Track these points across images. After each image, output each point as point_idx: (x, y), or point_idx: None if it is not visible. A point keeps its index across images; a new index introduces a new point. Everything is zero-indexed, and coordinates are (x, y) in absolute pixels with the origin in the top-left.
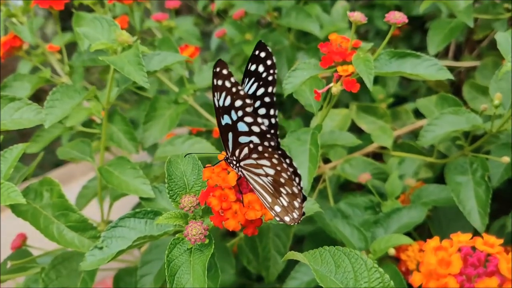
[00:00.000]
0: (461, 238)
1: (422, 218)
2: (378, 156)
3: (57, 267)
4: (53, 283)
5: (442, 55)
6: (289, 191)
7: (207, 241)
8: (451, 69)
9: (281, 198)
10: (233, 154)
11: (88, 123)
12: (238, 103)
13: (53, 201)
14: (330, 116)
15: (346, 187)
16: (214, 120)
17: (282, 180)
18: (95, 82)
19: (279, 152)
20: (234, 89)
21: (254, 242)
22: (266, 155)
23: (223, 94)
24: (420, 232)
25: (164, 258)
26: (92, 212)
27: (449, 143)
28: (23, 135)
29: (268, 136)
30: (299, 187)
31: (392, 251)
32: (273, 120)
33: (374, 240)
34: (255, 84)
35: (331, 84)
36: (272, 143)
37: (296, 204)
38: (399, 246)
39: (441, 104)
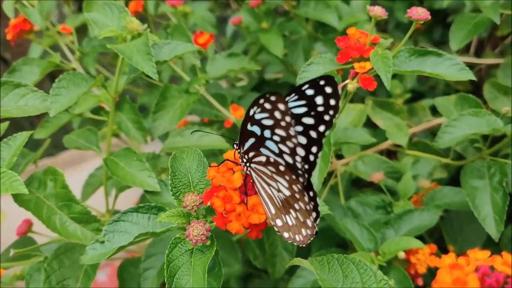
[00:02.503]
0: (479, 256)
1: (435, 222)
2: (392, 153)
3: (60, 257)
4: (56, 273)
5: (463, 50)
6: (298, 217)
7: (209, 242)
8: (472, 65)
9: (287, 216)
10: (246, 152)
11: (98, 109)
12: (281, 133)
13: (57, 191)
14: (345, 111)
15: (358, 182)
16: (225, 111)
17: (296, 207)
18: (107, 65)
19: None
20: (283, 123)
21: (261, 238)
22: (286, 177)
23: (266, 114)
24: (431, 233)
25: (164, 257)
26: (98, 201)
27: (466, 144)
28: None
29: (299, 171)
30: (311, 219)
31: (402, 255)
32: (311, 157)
33: (384, 242)
34: (304, 109)
35: (347, 81)
36: (301, 179)
37: (304, 232)
38: (409, 249)
39: (460, 104)
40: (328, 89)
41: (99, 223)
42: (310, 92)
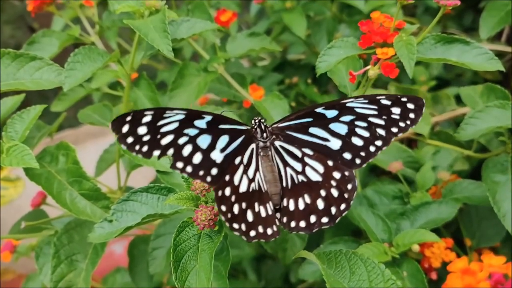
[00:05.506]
0: (493, 262)
1: (452, 215)
2: (412, 141)
3: (70, 232)
4: (65, 248)
5: (494, 38)
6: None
7: (217, 227)
8: (502, 54)
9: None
10: None
11: (116, 84)
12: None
13: (68, 166)
14: None
15: (375, 169)
16: (244, 92)
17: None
18: (128, 40)
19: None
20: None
21: None
22: None
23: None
24: (448, 225)
25: (171, 241)
26: (112, 177)
27: (491, 135)
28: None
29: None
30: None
31: (416, 247)
32: (372, 148)
33: (398, 233)
34: (372, 112)
35: (368, 67)
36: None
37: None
38: (424, 242)
39: (487, 95)
40: (411, 105)
41: (108, 200)
42: (386, 102)
